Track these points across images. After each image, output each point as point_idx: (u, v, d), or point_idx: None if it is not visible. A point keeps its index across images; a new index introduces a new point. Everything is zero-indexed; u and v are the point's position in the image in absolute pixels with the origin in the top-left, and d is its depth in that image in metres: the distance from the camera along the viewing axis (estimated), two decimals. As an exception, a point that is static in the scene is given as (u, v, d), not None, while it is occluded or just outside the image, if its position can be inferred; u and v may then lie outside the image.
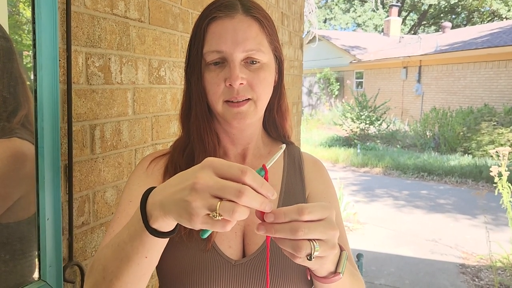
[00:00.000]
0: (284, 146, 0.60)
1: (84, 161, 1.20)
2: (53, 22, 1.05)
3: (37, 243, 1.05)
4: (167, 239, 0.62)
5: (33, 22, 1.01)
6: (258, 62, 0.81)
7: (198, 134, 0.85)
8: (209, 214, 0.50)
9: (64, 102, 1.12)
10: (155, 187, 0.61)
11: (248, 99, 0.80)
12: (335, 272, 0.67)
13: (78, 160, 1.18)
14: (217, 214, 0.49)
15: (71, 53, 1.12)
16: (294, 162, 0.95)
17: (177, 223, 0.59)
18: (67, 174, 1.14)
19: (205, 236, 0.55)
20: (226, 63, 0.80)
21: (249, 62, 0.81)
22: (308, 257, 0.54)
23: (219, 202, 0.49)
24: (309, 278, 0.76)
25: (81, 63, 1.17)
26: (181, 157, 0.86)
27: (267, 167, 0.56)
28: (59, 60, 1.08)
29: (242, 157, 0.91)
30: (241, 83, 0.79)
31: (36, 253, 1.06)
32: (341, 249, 0.70)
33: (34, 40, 1.01)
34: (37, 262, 1.06)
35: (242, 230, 0.84)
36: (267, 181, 0.54)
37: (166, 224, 0.58)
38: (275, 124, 0.95)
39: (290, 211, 0.54)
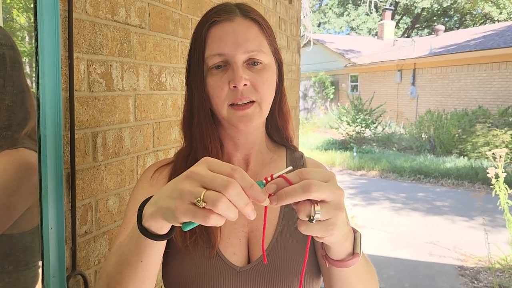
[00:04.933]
0: (291, 168, 0.59)
1: (86, 169, 1.19)
2: (55, 29, 1.04)
3: (40, 253, 1.03)
4: (160, 243, 0.63)
5: (36, 30, 1.00)
6: (260, 63, 0.81)
7: (201, 140, 0.84)
8: (194, 203, 0.51)
9: (66, 110, 1.11)
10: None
11: (252, 101, 0.80)
12: (353, 254, 0.66)
13: (80, 168, 1.16)
14: (201, 201, 0.50)
15: (73, 60, 1.11)
16: (297, 166, 0.94)
17: (170, 228, 0.60)
18: (69, 183, 1.12)
19: (187, 229, 0.55)
20: (229, 66, 0.79)
21: (251, 63, 0.80)
22: (310, 219, 0.54)
23: (205, 190, 0.51)
24: (327, 266, 0.73)
25: (83, 70, 1.16)
26: (185, 165, 0.85)
27: (274, 178, 0.56)
28: (61, 68, 1.07)
29: (246, 162, 0.90)
30: (245, 84, 0.78)
31: (40, 263, 1.04)
32: (354, 231, 0.68)
33: (36, 47, 1.00)
34: (40, 273, 1.05)
35: (247, 237, 0.84)
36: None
37: (155, 222, 0.58)
38: (277, 127, 0.94)
39: (291, 177, 0.55)
